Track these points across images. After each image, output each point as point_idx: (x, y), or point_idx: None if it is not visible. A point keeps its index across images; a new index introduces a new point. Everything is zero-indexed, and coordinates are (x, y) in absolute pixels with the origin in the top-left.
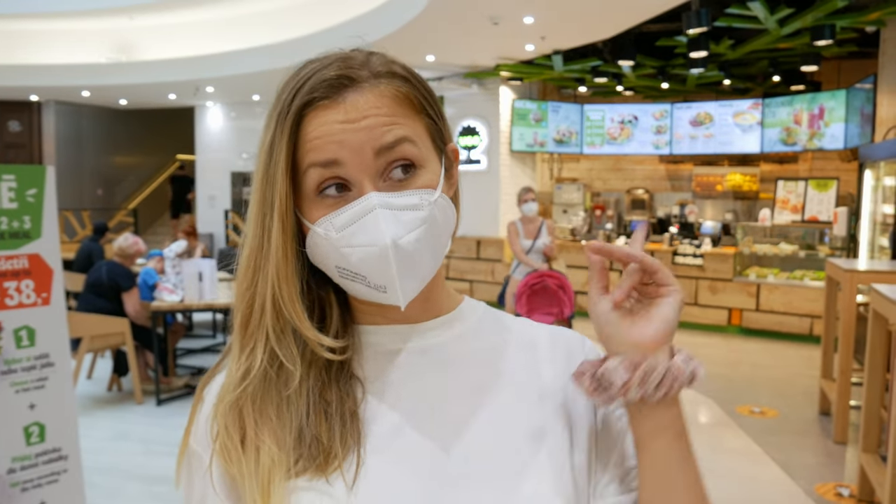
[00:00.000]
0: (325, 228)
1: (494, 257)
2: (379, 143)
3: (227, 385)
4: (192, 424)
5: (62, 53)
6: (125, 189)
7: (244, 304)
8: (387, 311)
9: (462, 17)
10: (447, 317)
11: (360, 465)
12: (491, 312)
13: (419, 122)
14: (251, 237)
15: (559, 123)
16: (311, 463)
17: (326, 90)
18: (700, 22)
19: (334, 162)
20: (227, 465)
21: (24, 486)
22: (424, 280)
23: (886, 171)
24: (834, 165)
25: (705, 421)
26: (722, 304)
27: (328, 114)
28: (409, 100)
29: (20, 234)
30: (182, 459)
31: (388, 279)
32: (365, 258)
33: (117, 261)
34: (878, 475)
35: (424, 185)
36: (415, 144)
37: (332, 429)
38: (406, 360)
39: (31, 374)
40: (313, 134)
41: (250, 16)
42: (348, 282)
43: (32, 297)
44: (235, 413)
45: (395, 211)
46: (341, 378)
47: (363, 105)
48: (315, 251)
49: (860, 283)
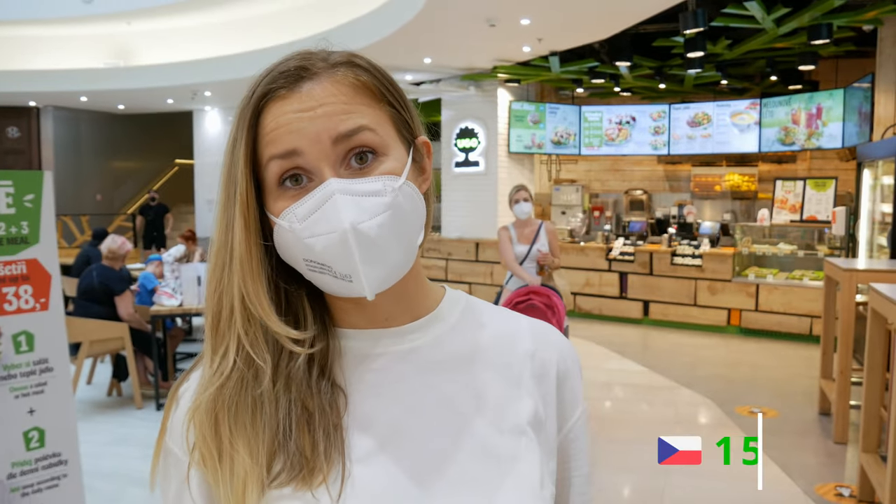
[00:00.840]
0: (289, 220)
1: (493, 259)
2: (336, 131)
3: (202, 386)
4: (167, 423)
5: (60, 59)
6: (124, 194)
7: (214, 303)
8: (365, 310)
9: (459, 20)
10: (426, 318)
11: (346, 478)
12: (471, 307)
13: (380, 110)
14: (217, 235)
15: (557, 125)
16: (296, 474)
17: (284, 81)
18: (697, 22)
19: (293, 152)
20: (203, 472)
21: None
22: (393, 269)
23: (885, 170)
24: (832, 165)
25: (705, 421)
26: (721, 305)
27: (285, 104)
28: (369, 88)
29: (18, 239)
30: (157, 460)
31: (351, 267)
32: (328, 246)
33: (107, 264)
34: (879, 475)
35: (387, 172)
36: (375, 132)
37: (316, 441)
38: (386, 366)
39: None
40: (271, 125)
41: (247, 20)
42: (317, 274)
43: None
44: (211, 420)
45: (355, 197)
46: (322, 386)
47: (319, 93)
48: (282, 245)
49: (859, 283)
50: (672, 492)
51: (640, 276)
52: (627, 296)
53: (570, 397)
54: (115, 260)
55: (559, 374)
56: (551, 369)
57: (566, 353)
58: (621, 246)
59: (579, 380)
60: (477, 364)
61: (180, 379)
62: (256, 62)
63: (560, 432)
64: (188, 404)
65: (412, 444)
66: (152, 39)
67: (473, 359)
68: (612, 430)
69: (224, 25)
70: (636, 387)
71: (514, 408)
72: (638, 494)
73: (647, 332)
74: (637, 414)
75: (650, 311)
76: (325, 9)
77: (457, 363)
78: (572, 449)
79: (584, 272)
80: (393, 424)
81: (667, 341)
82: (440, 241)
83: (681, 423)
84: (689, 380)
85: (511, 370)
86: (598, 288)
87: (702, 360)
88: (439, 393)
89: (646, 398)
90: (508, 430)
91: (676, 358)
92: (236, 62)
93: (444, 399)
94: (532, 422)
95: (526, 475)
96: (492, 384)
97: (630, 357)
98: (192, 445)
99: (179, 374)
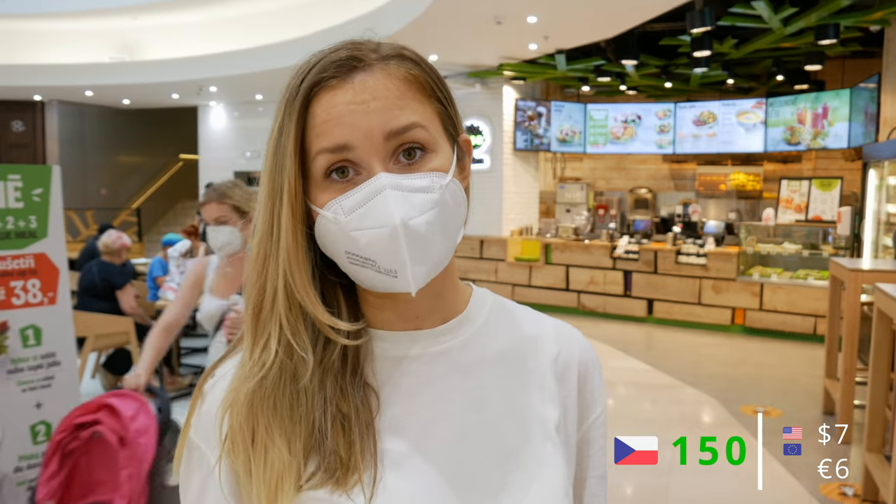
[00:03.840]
0: (334, 212)
1: (498, 257)
2: (389, 127)
3: (242, 377)
4: (192, 417)
5: (65, 53)
6: (129, 188)
7: (256, 292)
8: (398, 307)
9: (465, 17)
10: (457, 320)
11: (378, 480)
12: (499, 305)
13: (430, 106)
14: (261, 224)
15: (562, 123)
16: (330, 476)
17: (335, 70)
18: (704, 21)
19: (344, 146)
20: (233, 462)
21: (30, 484)
22: (436, 266)
23: (890, 171)
24: (838, 165)
25: (709, 420)
26: (725, 304)
27: (337, 95)
28: (420, 83)
29: (26, 233)
30: (181, 451)
31: (398, 262)
32: (374, 240)
33: (107, 259)
34: (883, 475)
35: (435, 169)
36: (425, 129)
37: (352, 442)
38: (418, 369)
39: (37, 373)
40: (322, 117)
41: (253, 15)
42: (358, 268)
43: (39, 297)
44: (250, 411)
45: (405, 192)
46: (356, 386)
47: (372, 85)
48: (324, 236)
49: (864, 283)
50: (677, 490)
51: (645, 275)
52: (632, 294)
53: (590, 398)
54: (112, 255)
55: (580, 375)
56: (573, 370)
57: (587, 354)
58: (626, 244)
59: (599, 380)
60: (504, 367)
61: (207, 371)
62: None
63: (578, 431)
64: (217, 400)
65: (441, 448)
66: (158, 34)
67: (501, 362)
68: (616, 428)
69: (230, 21)
70: (640, 385)
71: (539, 412)
72: (642, 493)
73: (652, 331)
74: (641, 412)
75: (654, 309)
76: (331, 4)
77: (485, 366)
78: (589, 449)
79: (589, 270)
80: (423, 428)
81: (671, 340)
82: None
83: (685, 421)
84: (694, 378)
85: (537, 374)
86: (603, 286)
87: (706, 359)
88: (468, 397)
89: (650, 396)
90: (535, 435)
91: (680, 356)
92: (242, 58)
93: (473, 403)
94: (557, 426)
95: (551, 481)
96: (519, 388)
97: (634, 355)
98: (225, 436)
99: (183, 370)
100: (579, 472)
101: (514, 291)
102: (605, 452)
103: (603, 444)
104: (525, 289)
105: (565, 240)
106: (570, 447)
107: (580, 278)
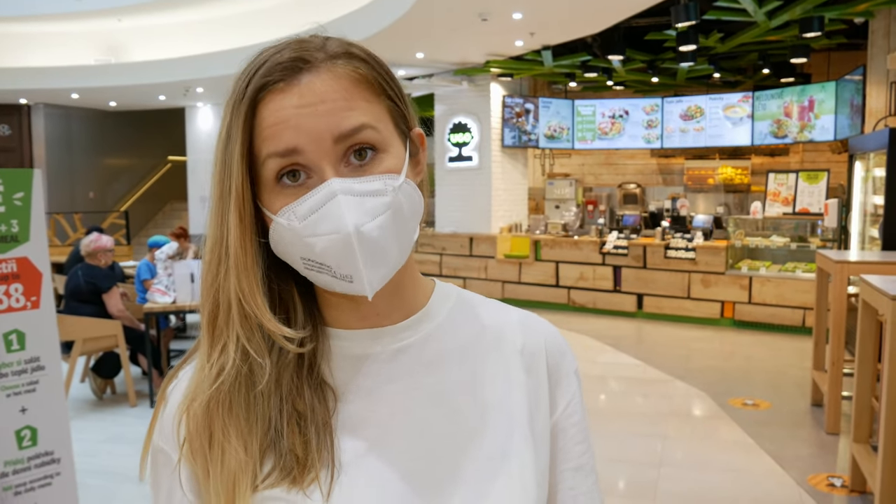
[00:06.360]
0: (288, 218)
1: (487, 254)
2: (338, 130)
3: (200, 384)
4: (156, 421)
5: (51, 56)
6: (117, 191)
7: (210, 299)
8: (358, 306)
9: (451, 14)
10: (416, 317)
11: (335, 479)
12: (461, 300)
13: (380, 104)
14: (211, 230)
15: (550, 119)
16: (286, 475)
17: (281, 73)
18: (689, 15)
19: (293, 150)
20: (192, 464)
21: (16, 489)
22: (392, 268)
23: (876, 162)
24: (825, 157)
25: (698, 413)
26: (714, 298)
27: (284, 98)
28: (369, 81)
29: (8, 237)
30: (146, 455)
31: (353, 268)
32: (329, 247)
33: (90, 262)
34: (870, 465)
35: (387, 170)
36: (375, 129)
37: (308, 441)
38: (377, 367)
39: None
40: (269, 121)
41: (238, 16)
42: (315, 273)
43: (22, 301)
44: (206, 414)
45: (357, 197)
46: (312, 385)
47: (320, 88)
48: (279, 242)
49: (851, 275)
50: (666, 484)
51: (634, 270)
52: (621, 289)
53: (560, 387)
54: (91, 257)
55: (549, 365)
56: (540, 360)
57: (554, 343)
58: (615, 239)
59: (570, 369)
60: (467, 361)
61: (167, 377)
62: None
63: (549, 421)
64: (178, 402)
65: (402, 444)
66: (143, 36)
67: (463, 355)
68: (607, 422)
69: (216, 21)
70: (630, 380)
71: (505, 405)
72: (632, 487)
73: (641, 326)
74: (631, 407)
75: (644, 304)
76: (317, 3)
77: (447, 361)
78: (562, 439)
79: (578, 266)
80: (383, 425)
81: (661, 334)
82: (434, 236)
83: (675, 415)
84: (683, 372)
85: (501, 365)
86: (592, 281)
87: (695, 353)
88: (429, 392)
89: (640, 391)
90: (500, 428)
91: (670, 351)
92: (228, 58)
93: (434, 399)
94: (526, 418)
95: (518, 473)
96: (482, 381)
97: (624, 350)
98: (183, 440)
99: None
100: (553, 464)
101: (504, 288)
102: (585, 444)
103: (578, 434)
104: (515, 285)
105: (554, 236)
106: (543, 439)
107: (570, 274)
